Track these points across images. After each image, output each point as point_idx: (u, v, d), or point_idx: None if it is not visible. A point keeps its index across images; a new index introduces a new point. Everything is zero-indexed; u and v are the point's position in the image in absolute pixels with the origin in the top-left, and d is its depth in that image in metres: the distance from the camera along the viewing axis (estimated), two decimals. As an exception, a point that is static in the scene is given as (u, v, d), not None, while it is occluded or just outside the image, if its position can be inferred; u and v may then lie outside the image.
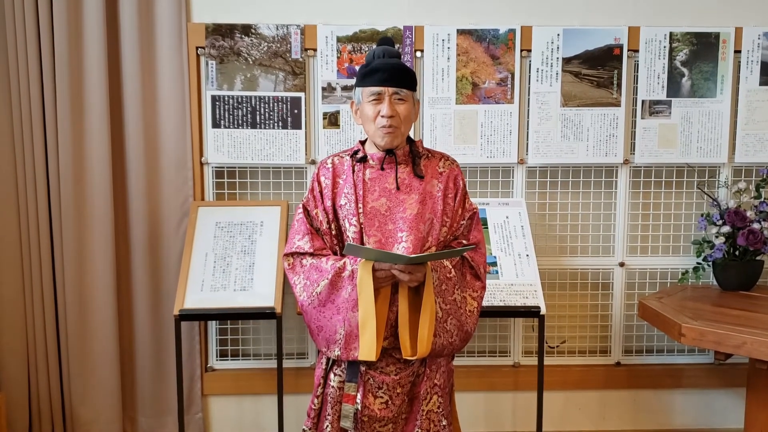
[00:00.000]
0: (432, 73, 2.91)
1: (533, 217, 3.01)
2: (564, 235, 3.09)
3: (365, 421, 1.99)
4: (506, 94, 2.93)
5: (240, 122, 2.90)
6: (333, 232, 2.03)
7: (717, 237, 2.88)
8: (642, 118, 2.97)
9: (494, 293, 2.68)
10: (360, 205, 2.00)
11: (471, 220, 2.08)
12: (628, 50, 2.93)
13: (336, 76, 2.89)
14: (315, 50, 2.88)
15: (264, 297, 2.65)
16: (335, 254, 2.03)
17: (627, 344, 3.13)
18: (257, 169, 3.00)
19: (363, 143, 2.10)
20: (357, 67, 2.84)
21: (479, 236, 2.10)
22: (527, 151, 2.98)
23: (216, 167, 2.96)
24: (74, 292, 2.83)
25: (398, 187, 2.02)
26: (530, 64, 2.93)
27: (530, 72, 2.93)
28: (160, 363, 2.95)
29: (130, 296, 2.93)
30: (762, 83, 2.97)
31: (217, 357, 3.03)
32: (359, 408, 1.98)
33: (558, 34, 2.91)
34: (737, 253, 2.89)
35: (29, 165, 2.80)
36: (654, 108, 2.97)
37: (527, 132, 2.97)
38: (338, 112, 2.91)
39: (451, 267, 2.00)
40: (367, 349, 1.90)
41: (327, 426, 2.01)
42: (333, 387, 2.01)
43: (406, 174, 2.03)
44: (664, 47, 2.94)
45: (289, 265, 2.04)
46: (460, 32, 2.90)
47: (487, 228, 2.87)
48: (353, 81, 2.28)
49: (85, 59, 2.78)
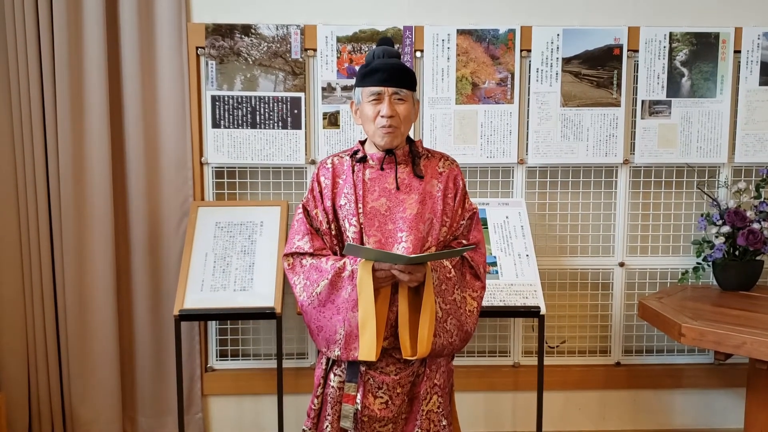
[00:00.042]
0: (432, 73, 2.91)
1: (533, 217, 3.01)
2: (564, 235, 3.09)
3: (365, 421, 1.99)
4: (506, 94, 2.93)
5: (240, 122, 2.90)
6: (333, 233, 2.03)
7: (717, 237, 2.88)
8: (642, 118, 2.97)
9: (494, 293, 2.68)
10: (360, 205, 1.99)
11: (471, 220, 2.08)
12: (628, 50, 2.93)
13: (336, 76, 2.90)
14: (315, 50, 2.89)
15: (264, 297, 2.65)
16: (335, 254, 2.03)
17: (627, 344, 3.13)
18: (257, 169, 3.00)
19: (363, 143, 2.10)
20: (357, 67, 2.84)
21: (479, 236, 2.10)
22: (527, 151, 2.98)
23: (216, 167, 2.96)
24: (74, 292, 2.83)
25: (398, 187, 2.02)
26: (530, 64, 2.93)
27: (530, 72, 2.93)
28: (160, 363, 2.95)
29: (130, 296, 2.93)
30: (762, 83, 2.97)
31: (217, 357, 3.03)
32: (359, 408, 1.97)
33: (558, 34, 2.91)
34: (737, 253, 2.89)
35: (29, 165, 2.80)
36: (654, 108, 2.97)
37: (527, 132, 2.97)
38: (338, 112, 2.91)
39: (451, 267, 2.00)
40: (367, 349, 1.90)
41: (327, 426, 2.01)
42: (333, 387, 2.01)
43: (406, 174, 2.03)
44: (664, 47, 2.94)
45: (289, 266, 2.04)
46: (460, 32, 2.90)
47: (487, 228, 2.87)
48: (353, 81, 2.28)
49: (85, 59, 2.78)
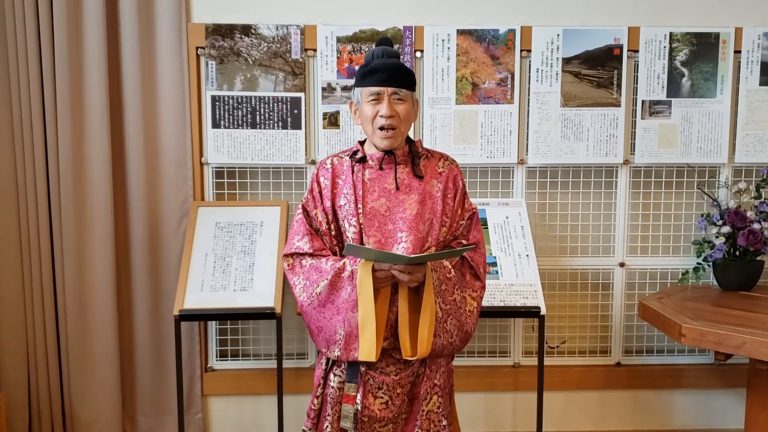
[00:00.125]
0: (432, 74, 2.90)
1: (533, 218, 3.01)
2: (564, 236, 3.09)
3: (365, 422, 1.99)
4: (506, 95, 2.93)
5: (240, 122, 2.90)
6: (332, 233, 2.03)
7: (717, 237, 2.88)
8: (642, 119, 2.97)
9: (494, 293, 2.68)
10: (359, 206, 1.99)
11: (470, 220, 2.08)
12: (628, 50, 2.93)
13: (336, 77, 2.89)
14: (315, 50, 2.88)
15: (264, 297, 2.65)
16: (335, 255, 2.02)
17: (627, 344, 3.13)
18: (257, 170, 3.00)
19: (362, 143, 2.10)
20: (357, 68, 2.83)
21: (479, 236, 2.09)
22: (527, 151, 2.98)
23: (216, 167, 2.96)
24: (74, 292, 2.83)
25: (398, 188, 2.01)
26: (530, 65, 2.92)
27: (530, 72, 2.93)
28: (160, 363, 2.95)
29: (130, 296, 2.93)
30: (762, 83, 2.96)
31: (217, 357, 3.03)
32: (359, 408, 1.97)
33: (558, 35, 2.91)
34: (737, 254, 2.89)
35: (29, 165, 2.80)
36: (654, 108, 2.97)
37: (527, 132, 2.97)
38: (338, 113, 2.91)
39: (451, 267, 2.00)
40: (367, 350, 1.90)
41: (327, 426, 2.00)
42: (333, 387, 2.01)
43: (406, 174, 2.03)
44: (664, 47, 2.93)
45: (289, 266, 2.03)
46: (460, 32, 2.90)
47: (487, 228, 2.86)
48: (353, 81, 2.28)
49: (85, 59, 2.78)
